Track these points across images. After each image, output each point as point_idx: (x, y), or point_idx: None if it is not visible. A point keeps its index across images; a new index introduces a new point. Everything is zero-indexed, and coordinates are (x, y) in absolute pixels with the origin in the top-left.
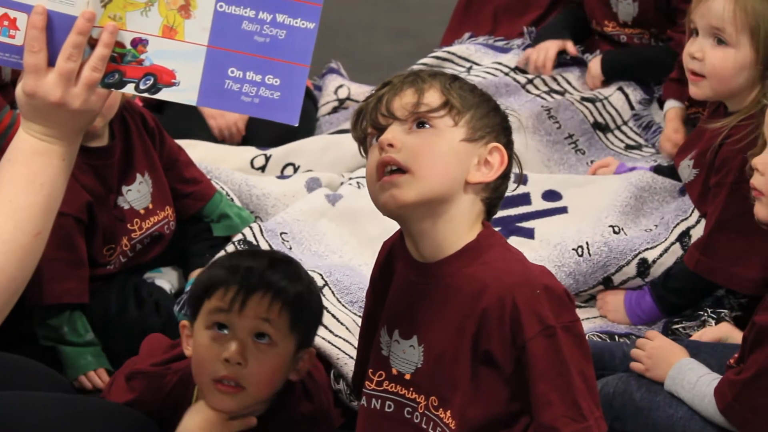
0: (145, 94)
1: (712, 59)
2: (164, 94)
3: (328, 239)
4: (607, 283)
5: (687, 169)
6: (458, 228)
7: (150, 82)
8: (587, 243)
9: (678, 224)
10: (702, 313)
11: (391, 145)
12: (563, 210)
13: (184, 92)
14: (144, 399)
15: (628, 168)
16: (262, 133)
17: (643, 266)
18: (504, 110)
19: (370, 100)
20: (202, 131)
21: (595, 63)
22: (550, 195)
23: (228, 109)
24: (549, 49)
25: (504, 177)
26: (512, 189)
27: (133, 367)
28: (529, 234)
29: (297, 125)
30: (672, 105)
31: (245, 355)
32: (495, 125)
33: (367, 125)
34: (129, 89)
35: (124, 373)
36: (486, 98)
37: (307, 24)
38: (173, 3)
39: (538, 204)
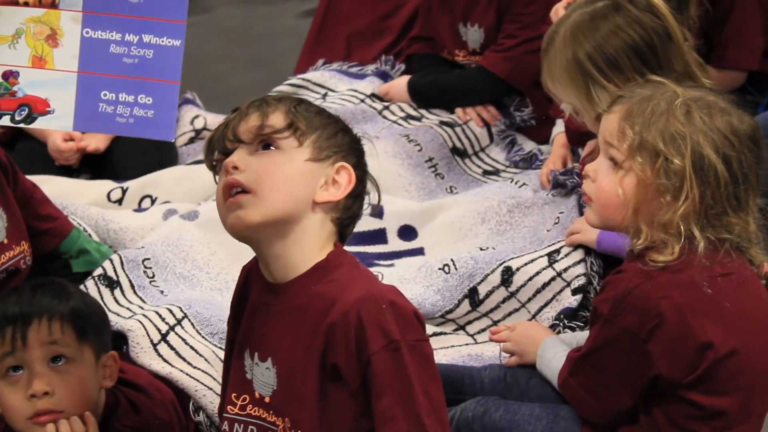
0: (21, 125)
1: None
2: (40, 123)
3: (195, 253)
4: (473, 297)
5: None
6: (308, 248)
7: (25, 113)
8: (453, 260)
9: (552, 244)
10: (558, 323)
11: (235, 168)
12: (420, 251)
13: (59, 119)
14: None
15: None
16: (130, 167)
17: (507, 273)
18: (357, 134)
19: (219, 127)
20: (52, 167)
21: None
22: (406, 232)
23: (104, 131)
24: None
25: (356, 197)
26: (367, 210)
27: None
28: (389, 266)
29: (173, 140)
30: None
31: (50, 384)
32: (343, 145)
33: (217, 152)
34: (5, 122)
35: None
36: (334, 120)
37: (173, 42)
38: (40, 33)
39: (394, 243)
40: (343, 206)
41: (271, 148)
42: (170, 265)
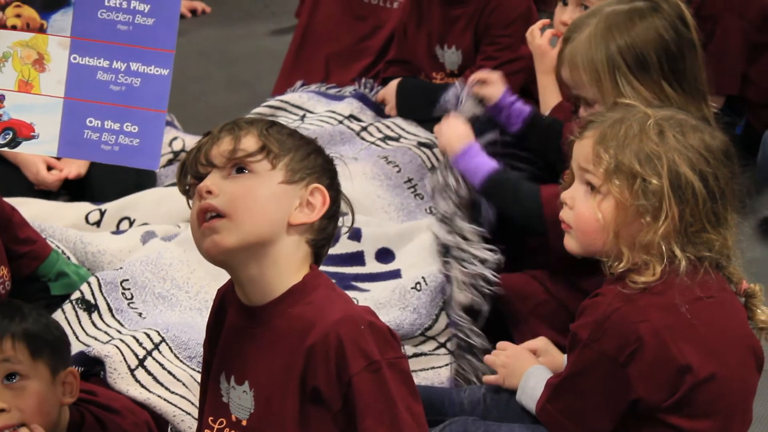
0: (5, 149)
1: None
2: (24, 148)
3: (174, 271)
4: (449, 310)
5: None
6: (284, 270)
7: (9, 137)
8: (423, 278)
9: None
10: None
11: (209, 192)
12: (397, 273)
13: (44, 144)
14: None
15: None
16: (108, 189)
17: None
18: (330, 154)
19: (192, 152)
20: (29, 189)
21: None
22: (384, 255)
23: (89, 158)
24: None
25: (330, 218)
26: (345, 232)
27: None
28: (365, 290)
29: (158, 170)
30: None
31: (4, 401)
32: (316, 167)
33: (190, 177)
34: None
35: None
36: (307, 141)
37: (161, 70)
38: (27, 57)
39: (372, 266)
40: (318, 227)
41: (245, 171)
42: (149, 285)
